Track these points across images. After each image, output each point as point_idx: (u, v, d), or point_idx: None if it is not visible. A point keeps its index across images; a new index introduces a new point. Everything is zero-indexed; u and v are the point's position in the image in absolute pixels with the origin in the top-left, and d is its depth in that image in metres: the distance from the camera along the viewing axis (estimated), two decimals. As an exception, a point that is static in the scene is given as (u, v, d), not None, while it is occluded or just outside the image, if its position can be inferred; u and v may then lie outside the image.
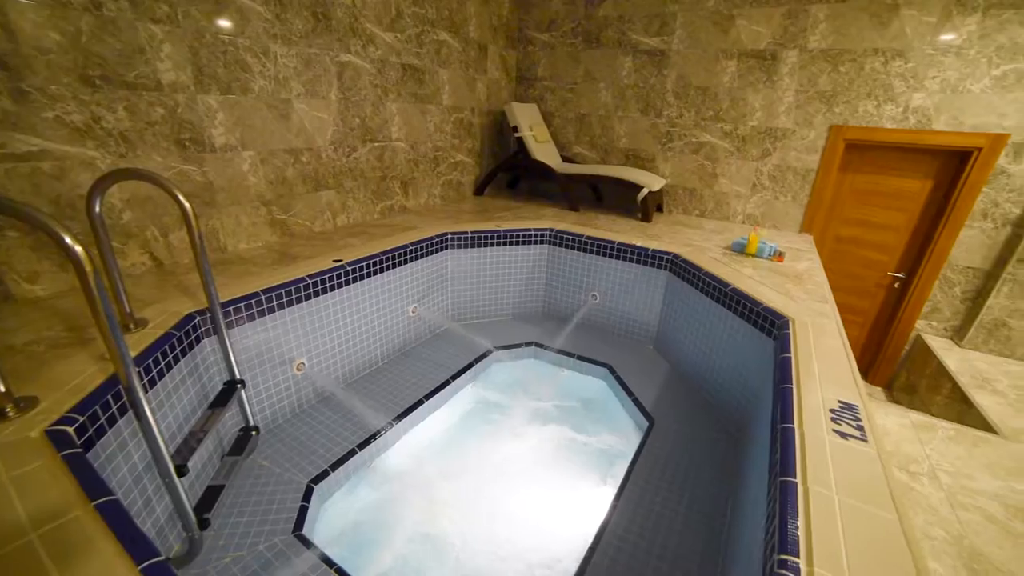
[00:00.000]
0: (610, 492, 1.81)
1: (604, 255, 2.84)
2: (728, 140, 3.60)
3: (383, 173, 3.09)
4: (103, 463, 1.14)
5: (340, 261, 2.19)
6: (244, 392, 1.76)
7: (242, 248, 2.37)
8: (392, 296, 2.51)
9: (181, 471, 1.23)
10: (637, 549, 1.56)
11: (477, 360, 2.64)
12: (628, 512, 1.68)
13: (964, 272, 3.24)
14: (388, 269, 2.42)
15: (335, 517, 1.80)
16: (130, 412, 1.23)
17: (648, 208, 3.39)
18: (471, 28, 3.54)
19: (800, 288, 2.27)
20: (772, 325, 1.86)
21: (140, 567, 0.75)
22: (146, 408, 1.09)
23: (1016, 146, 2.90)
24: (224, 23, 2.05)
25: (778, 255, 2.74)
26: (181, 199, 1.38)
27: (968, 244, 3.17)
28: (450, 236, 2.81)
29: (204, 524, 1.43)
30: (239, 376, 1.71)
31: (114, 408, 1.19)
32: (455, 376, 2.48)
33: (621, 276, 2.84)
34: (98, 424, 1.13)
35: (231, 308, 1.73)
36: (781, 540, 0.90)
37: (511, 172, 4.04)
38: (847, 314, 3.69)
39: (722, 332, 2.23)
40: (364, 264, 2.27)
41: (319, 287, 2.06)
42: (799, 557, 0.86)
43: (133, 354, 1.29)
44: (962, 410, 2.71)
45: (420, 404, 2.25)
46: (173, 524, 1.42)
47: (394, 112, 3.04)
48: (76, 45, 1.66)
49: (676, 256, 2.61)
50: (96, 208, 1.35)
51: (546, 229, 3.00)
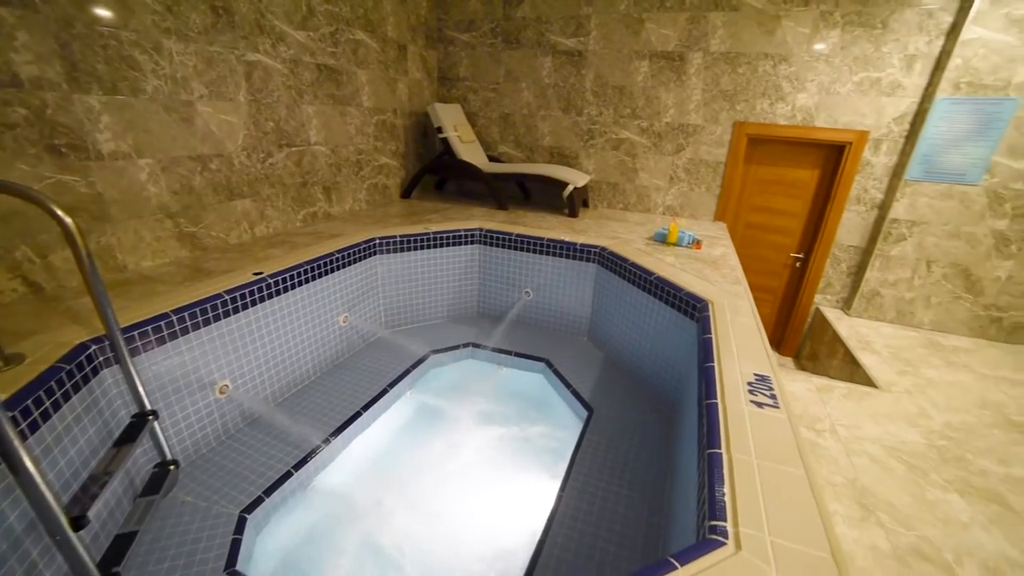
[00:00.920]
0: (556, 483, 1.86)
1: (534, 252, 2.90)
2: (645, 136, 3.81)
3: (303, 179, 2.93)
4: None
5: (261, 274, 2.05)
6: (157, 424, 1.59)
7: (146, 266, 2.14)
8: (321, 307, 2.39)
9: (78, 524, 1.08)
10: (585, 534, 1.62)
11: (414, 366, 2.59)
12: (574, 500, 1.74)
13: (847, 250, 3.69)
14: (315, 279, 2.31)
15: (274, 546, 1.69)
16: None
17: (574, 204, 3.50)
18: (388, 27, 3.45)
19: (717, 272, 2.46)
20: (694, 309, 2.01)
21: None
22: (24, 458, 0.95)
23: (875, 141, 3.35)
24: (101, 12, 1.82)
25: (696, 243, 2.95)
26: (59, 213, 1.22)
27: (849, 225, 3.61)
28: (378, 241, 2.73)
29: (115, 579, 1.28)
30: (150, 407, 1.55)
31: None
32: (392, 384, 2.42)
33: (552, 271, 2.91)
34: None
35: (136, 333, 1.56)
36: (710, 506, 0.97)
37: (438, 173, 4.00)
38: (759, 293, 4.05)
39: (650, 318, 2.36)
40: (288, 275, 2.14)
41: (239, 303, 1.91)
42: (727, 520, 0.94)
43: (3, 397, 1.13)
44: (852, 370, 3.08)
45: (358, 416, 2.17)
46: (76, 584, 1.26)
47: (311, 115, 2.89)
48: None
49: (603, 249, 2.72)
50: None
51: (476, 229, 3.01)
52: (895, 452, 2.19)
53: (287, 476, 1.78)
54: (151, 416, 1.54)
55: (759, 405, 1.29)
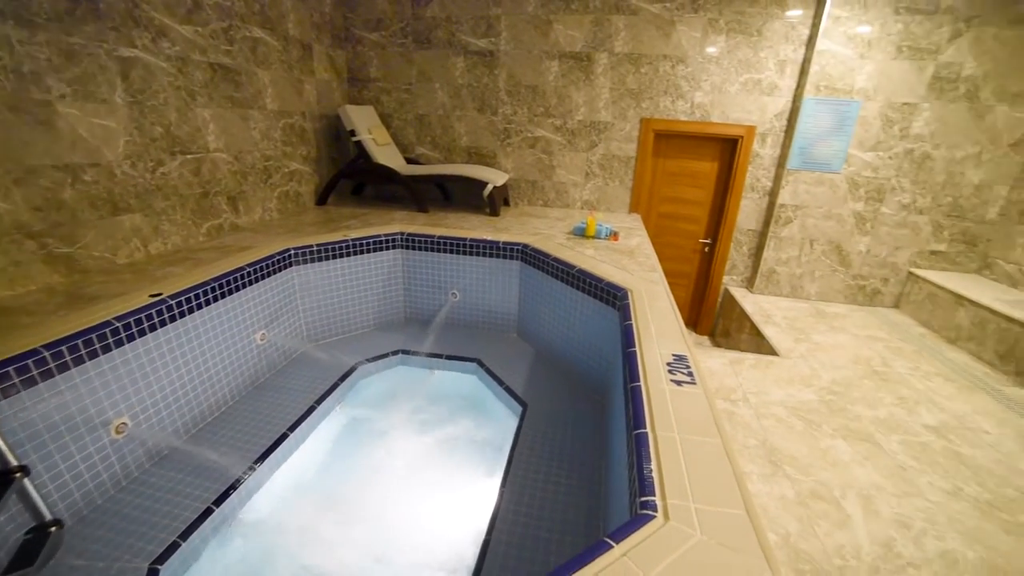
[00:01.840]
0: (496, 481, 1.88)
1: (458, 253, 2.90)
2: (560, 134, 3.94)
3: (204, 189, 2.68)
4: None
5: (159, 295, 1.85)
6: (28, 481, 1.31)
7: (5, 296, 1.85)
8: (234, 326, 2.21)
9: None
10: (528, 527, 1.65)
11: (342, 379, 2.48)
12: (515, 495, 1.76)
13: (747, 234, 4.07)
14: (224, 296, 2.13)
15: (195, 593, 1.54)
16: None
17: (495, 202, 3.54)
18: (289, 25, 3.25)
19: (634, 262, 2.61)
20: (614, 297, 2.12)
21: None
22: None
23: (761, 135, 3.74)
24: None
25: (613, 235, 3.11)
26: None
27: (746, 211, 3.99)
28: (294, 252, 2.58)
29: None
30: (16, 462, 1.26)
31: None
32: (320, 400, 2.30)
33: (477, 271, 2.92)
34: None
35: (-4, 375, 1.34)
36: (640, 483, 1.04)
37: (354, 178, 3.85)
38: (673, 278, 4.35)
39: (575, 310, 2.45)
40: (193, 294, 1.96)
41: (135, 329, 1.71)
42: (655, 494, 1.00)
43: None
44: (758, 342, 3.41)
45: (284, 438, 2.04)
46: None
47: (207, 119, 2.65)
48: None
49: (526, 246, 2.78)
50: None
51: (397, 233, 2.94)
52: (795, 411, 2.47)
53: (207, 514, 1.63)
54: (17, 473, 1.28)
55: (678, 383, 1.39)
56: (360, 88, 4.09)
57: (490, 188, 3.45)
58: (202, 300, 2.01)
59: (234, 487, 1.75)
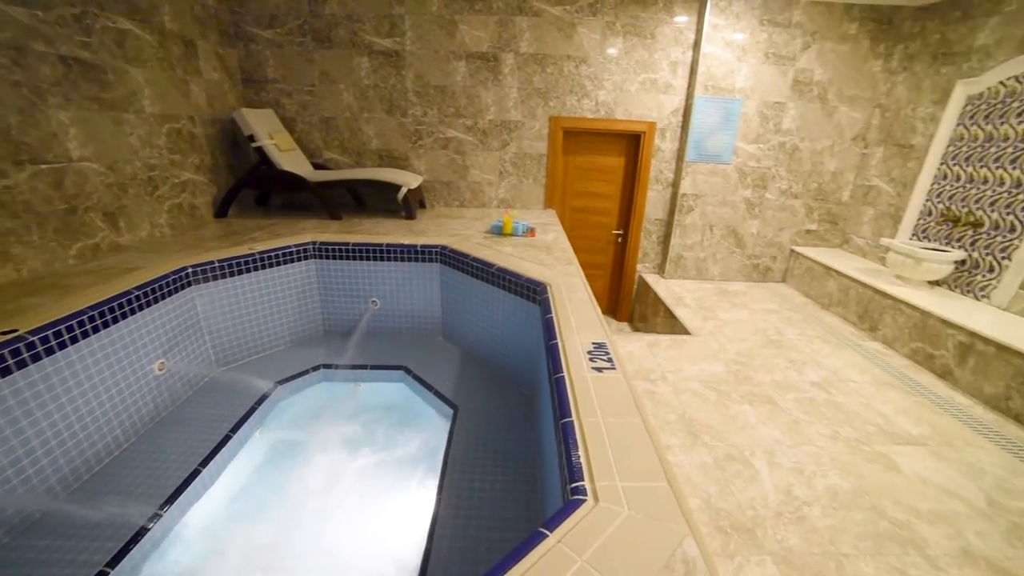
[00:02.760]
0: (433, 486, 1.85)
1: (375, 259, 2.81)
2: (471, 134, 3.95)
3: (70, 204, 2.34)
4: None
5: (14, 332, 1.59)
6: None
7: None
8: (123, 358, 1.96)
9: None
10: (469, 529, 1.64)
11: (259, 402, 2.31)
12: (453, 499, 1.75)
13: (655, 223, 4.36)
14: (108, 326, 1.88)
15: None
16: None
17: (411, 206, 3.47)
18: (165, 17, 2.93)
19: (551, 256, 2.70)
20: (534, 292, 2.17)
21: None
22: None
23: (661, 130, 4.02)
24: None
25: (530, 231, 3.18)
26: None
27: (653, 202, 4.27)
28: (192, 270, 2.34)
29: None
30: None
31: None
32: (235, 428, 2.12)
33: (397, 276, 2.86)
34: None
35: None
36: (569, 470, 1.08)
37: (257, 187, 3.57)
38: (591, 270, 4.55)
39: (497, 308, 2.48)
40: (64, 326, 1.70)
41: (-16, 376, 1.46)
42: (584, 479, 1.05)
43: None
44: (672, 323, 3.67)
45: (196, 475, 1.85)
46: None
47: (66, 122, 2.31)
48: None
49: (444, 247, 2.76)
50: None
51: (308, 243, 2.78)
52: (708, 384, 2.70)
53: (101, 576, 1.44)
54: None
55: (599, 370, 1.46)
56: (257, 90, 3.79)
57: (404, 191, 3.37)
58: (77, 333, 1.76)
59: (135, 540, 1.56)
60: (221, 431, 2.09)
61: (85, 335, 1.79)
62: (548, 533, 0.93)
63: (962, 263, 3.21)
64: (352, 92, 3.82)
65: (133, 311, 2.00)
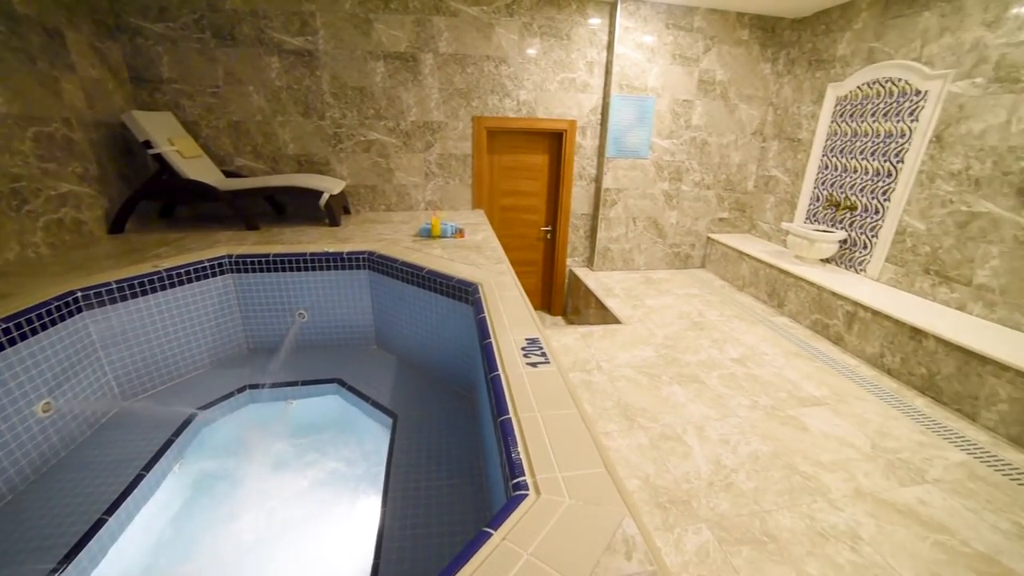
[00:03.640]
0: (377, 499, 1.80)
1: (300, 270, 2.67)
2: (394, 136, 3.86)
3: (-89, 227, 1.99)
4: None
5: None
6: None
7: None
8: (-4, 401, 1.71)
9: None
10: (417, 538, 1.61)
11: (177, 433, 2.11)
12: (398, 509, 1.71)
13: (581, 218, 4.51)
14: (-27, 366, 1.63)
15: None
16: None
17: (334, 212, 3.33)
18: (15, 1, 2.53)
19: (482, 256, 2.71)
20: (466, 293, 2.17)
21: None
22: None
23: (582, 128, 4.17)
24: None
25: (459, 232, 3.17)
26: None
27: (578, 198, 4.42)
28: (82, 294, 2.09)
29: None
30: None
31: None
32: (148, 466, 1.92)
33: (324, 286, 2.73)
34: None
35: None
36: (510, 466, 1.09)
37: (158, 198, 3.24)
38: (523, 267, 4.63)
39: (430, 311, 2.45)
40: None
41: None
42: (525, 474, 1.07)
43: None
44: (603, 314, 3.82)
45: (101, 525, 1.65)
46: None
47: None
48: None
49: (372, 253, 2.68)
50: None
51: (223, 257, 2.58)
52: (640, 369, 2.84)
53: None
54: None
55: (534, 365, 1.49)
56: (150, 90, 3.43)
57: (326, 197, 3.23)
58: (-64, 377, 1.50)
59: (30, 605, 1.37)
60: (130, 472, 1.88)
61: (-54, 379, 1.53)
62: (492, 532, 0.93)
63: (844, 242, 3.65)
64: (263, 94, 3.58)
65: (1, 347, 1.74)
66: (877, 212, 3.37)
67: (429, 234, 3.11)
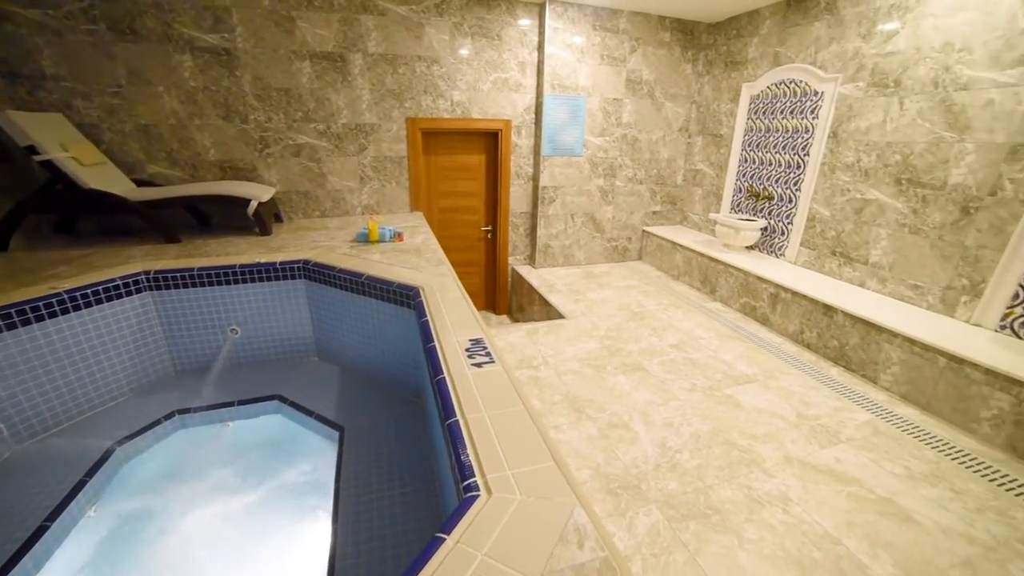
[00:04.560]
0: (328, 517, 1.72)
1: (229, 283, 2.50)
2: (325, 139, 3.71)
3: None
4: None
5: None
6: None
7: None
8: None
9: None
10: (372, 553, 1.56)
11: (91, 472, 1.90)
12: (351, 525, 1.65)
13: (521, 216, 4.56)
14: None
15: None
16: None
17: (264, 220, 3.15)
18: None
19: (422, 259, 2.67)
20: (407, 297, 2.13)
21: None
22: None
23: (517, 127, 4.21)
24: None
25: (398, 236, 3.11)
26: None
27: (516, 196, 4.46)
28: (-39, 324, 1.83)
29: None
30: None
31: None
32: (52, 515, 1.70)
33: (257, 299, 2.58)
34: None
35: None
36: (460, 468, 1.08)
37: (52, 211, 2.89)
38: (465, 268, 4.61)
39: (372, 318, 2.39)
40: None
41: None
42: (475, 475, 1.06)
43: None
44: (547, 310, 3.89)
45: (1, 585, 1.46)
46: None
47: None
48: None
49: (307, 262, 2.57)
50: None
51: (139, 273, 2.36)
52: (586, 361, 2.91)
53: None
54: None
55: (479, 365, 1.49)
56: (30, 88, 3.03)
57: (254, 205, 3.04)
58: None
59: None
60: (26, 526, 1.66)
61: None
62: (445, 536, 0.92)
63: (765, 229, 3.94)
64: (176, 95, 3.30)
65: None
66: (791, 201, 3.68)
67: (367, 239, 3.01)
